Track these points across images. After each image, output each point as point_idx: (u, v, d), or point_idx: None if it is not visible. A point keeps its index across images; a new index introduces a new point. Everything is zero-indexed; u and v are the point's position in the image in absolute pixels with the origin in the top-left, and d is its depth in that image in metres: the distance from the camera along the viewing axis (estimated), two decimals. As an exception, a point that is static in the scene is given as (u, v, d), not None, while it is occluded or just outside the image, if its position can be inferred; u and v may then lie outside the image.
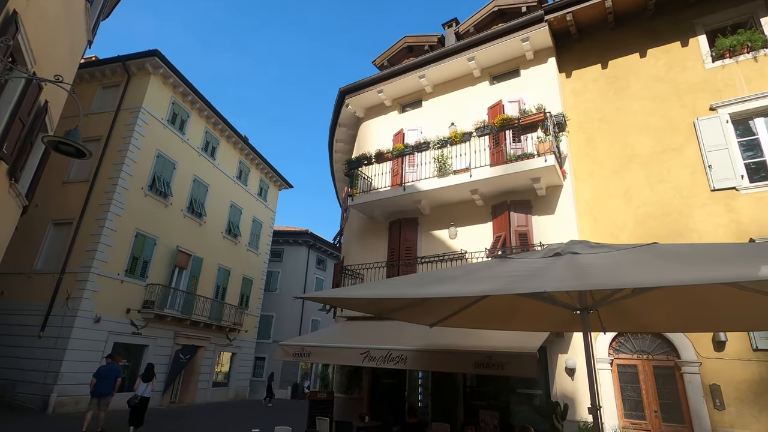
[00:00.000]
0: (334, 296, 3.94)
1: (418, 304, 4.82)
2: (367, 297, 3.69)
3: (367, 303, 4.65)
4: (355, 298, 4.11)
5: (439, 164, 9.71)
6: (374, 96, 12.50)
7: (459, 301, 4.87)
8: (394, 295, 3.56)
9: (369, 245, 11.13)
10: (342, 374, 10.31)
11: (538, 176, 8.52)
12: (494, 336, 6.38)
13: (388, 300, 4.65)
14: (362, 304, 4.73)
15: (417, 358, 6.26)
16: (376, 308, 5.00)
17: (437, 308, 5.07)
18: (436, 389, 8.99)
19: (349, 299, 4.26)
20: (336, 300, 4.28)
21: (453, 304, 4.98)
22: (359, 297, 3.69)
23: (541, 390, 7.96)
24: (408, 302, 4.69)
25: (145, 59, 16.03)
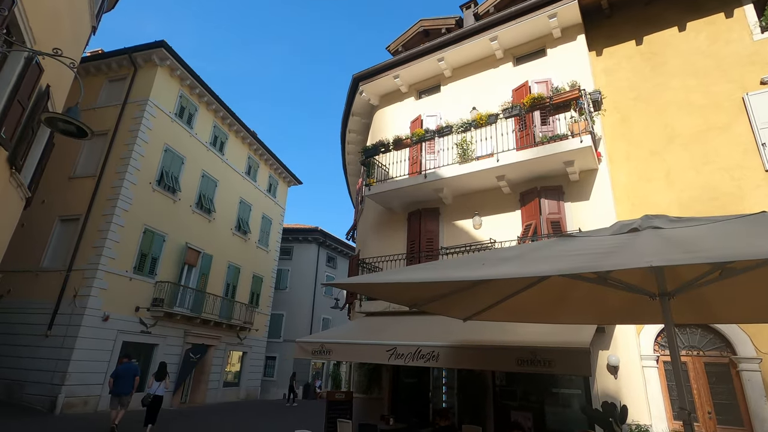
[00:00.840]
0: (370, 281, 3.39)
1: (457, 293, 4.27)
2: (415, 281, 3.13)
3: (403, 290, 4.10)
4: (393, 284, 3.56)
5: (461, 150, 9.14)
6: (390, 82, 11.93)
7: (501, 290, 4.32)
8: (446, 278, 3.00)
9: (387, 237, 10.58)
10: (361, 373, 9.77)
11: (572, 159, 7.91)
12: (534, 330, 5.80)
13: (429, 287, 4.11)
14: (397, 292, 4.18)
15: (450, 355, 5.69)
16: (409, 297, 4.44)
17: (475, 299, 4.52)
18: (463, 389, 8.42)
19: (387, 285, 3.71)
20: (371, 286, 3.73)
21: (495, 293, 4.42)
22: (402, 281, 3.14)
23: (580, 390, 7.36)
24: (449, 290, 4.14)
25: (151, 51, 15.61)
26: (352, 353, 6.65)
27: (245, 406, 18.34)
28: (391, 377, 9.45)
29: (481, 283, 4.02)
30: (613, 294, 4.13)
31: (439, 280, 3.01)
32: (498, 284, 4.15)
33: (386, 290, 3.97)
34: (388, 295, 4.23)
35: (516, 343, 5.24)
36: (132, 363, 10.12)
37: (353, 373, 10.72)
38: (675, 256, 2.36)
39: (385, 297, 4.30)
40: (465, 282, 3.96)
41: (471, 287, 4.14)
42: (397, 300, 4.49)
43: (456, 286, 4.08)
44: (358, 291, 3.87)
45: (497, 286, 4.25)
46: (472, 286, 4.10)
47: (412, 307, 4.48)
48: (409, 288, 4.05)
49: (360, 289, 3.88)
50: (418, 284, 3.99)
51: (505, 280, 4.03)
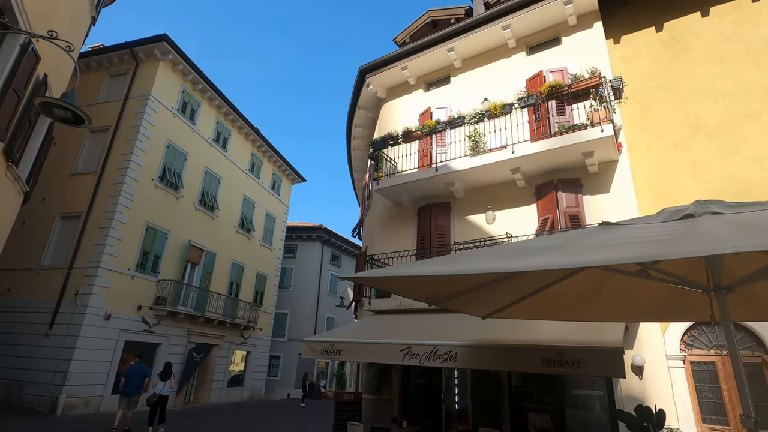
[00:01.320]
0: (394, 274, 3.06)
1: (481, 288, 3.94)
2: (447, 273, 2.78)
3: (426, 285, 3.78)
4: (417, 277, 3.22)
5: (473, 142, 8.80)
6: (397, 74, 11.59)
7: (528, 285, 3.99)
8: (485, 269, 2.65)
9: (395, 233, 10.25)
10: (370, 373, 9.45)
11: (592, 150, 7.56)
12: (557, 329, 5.48)
13: (453, 282, 3.80)
14: (419, 288, 3.85)
15: (470, 355, 5.36)
16: (429, 293, 4.11)
17: (498, 295, 4.19)
18: (477, 390, 8.09)
19: (410, 279, 3.38)
20: (393, 280, 3.40)
21: (519, 289, 4.09)
22: (432, 274, 2.80)
23: (602, 391, 7.02)
24: (475, 284, 3.81)
25: (153, 45, 15.33)
26: (364, 353, 6.32)
27: (250, 407, 18.06)
28: (401, 378, 9.13)
29: (508, 277, 3.70)
30: (649, 289, 3.81)
31: (477, 271, 2.67)
32: (525, 279, 3.83)
33: (408, 285, 3.65)
34: (409, 290, 3.91)
35: (541, 343, 4.90)
36: (141, 364, 10.18)
37: (361, 373, 10.40)
38: (764, 242, 2.01)
39: (405, 292, 3.98)
40: (494, 275, 3.65)
41: (495, 282, 3.81)
42: (416, 296, 4.17)
43: (484, 280, 3.76)
44: (376, 285, 3.52)
45: (524, 281, 3.92)
46: (498, 280, 3.77)
47: (431, 304, 4.16)
48: (432, 283, 3.73)
49: (380, 284, 3.56)
50: (442, 279, 3.67)
51: (533, 275, 3.71)
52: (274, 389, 24.49)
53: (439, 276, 3.26)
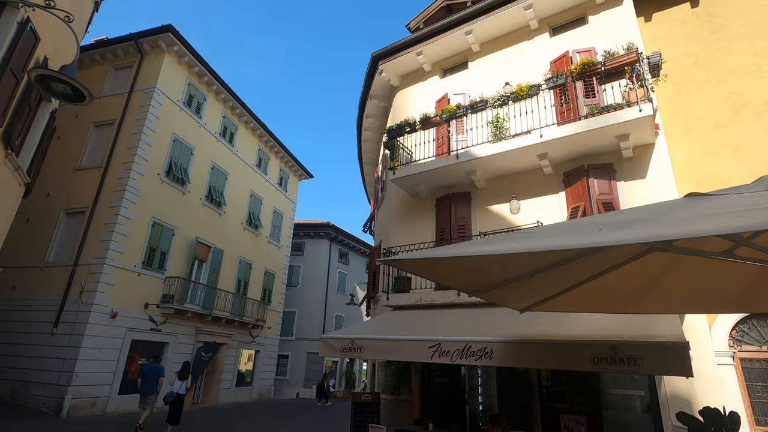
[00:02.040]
0: (446, 255, 2.58)
1: (529, 277, 3.47)
2: (519, 251, 2.28)
3: (473, 272, 3.32)
4: (473, 257, 2.74)
5: (495, 127, 8.31)
6: (412, 60, 11.10)
7: (579, 273, 3.51)
8: (572, 245, 2.16)
9: (412, 225, 9.77)
10: (388, 372, 9.00)
11: (627, 132, 7.04)
12: (600, 323, 5.00)
13: (502, 268, 3.35)
14: (464, 274, 3.39)
15: (508, 352, 4.87)
16: (472, 281, 3.65)
17: (544, 285, 3.74)
18: (505, 389, 7.60)
19: (462, 262, 2.91)
20: (440, 263, 2.92)
21: (568, 278, 3.62)
22: (501, 252, 2.31)
23: (642, 391, 6.52)
24: (526, 271, 3.33)
25: (158, 36, 14.93)
26: (387, 350, 5.85)
27: (261, 407, 17.67)
28: (421, 377, 8.66)
29: (560, 263, 3.22)
30: (724, 276, 3.32)
31: (559, 248, 2.17)
32: (580, 265, 3.33)
33: (455, 269, 3.17)
34: (452, 276, 3.44)
35: (590, 337, 4.41)
36: (157, 364, 10.52)
37: (378, 372, 9.94)
38: None
39: (447, 278, 3.51)
40: (554, 259, 3.18)
41: (548, 269, 3.33)
42: (459, 283, 3.71)
43: (541, 265, 3.27)
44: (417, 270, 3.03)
45: (579, 267, 3.43)
46: (551, 266, 3.29)
47: (471, 294, 3.71)
48: (482, 268, 3.26)
49: (423, 268, 3.08)
50: (495, 264, 3.21)
51: (592, 260, 3.22)
52: (283, 389, 24.11)
53: (498, 256, 2.78)
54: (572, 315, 5.42)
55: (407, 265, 3.05)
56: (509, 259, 2.97)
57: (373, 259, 11.97)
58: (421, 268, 3.08)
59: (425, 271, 3.17)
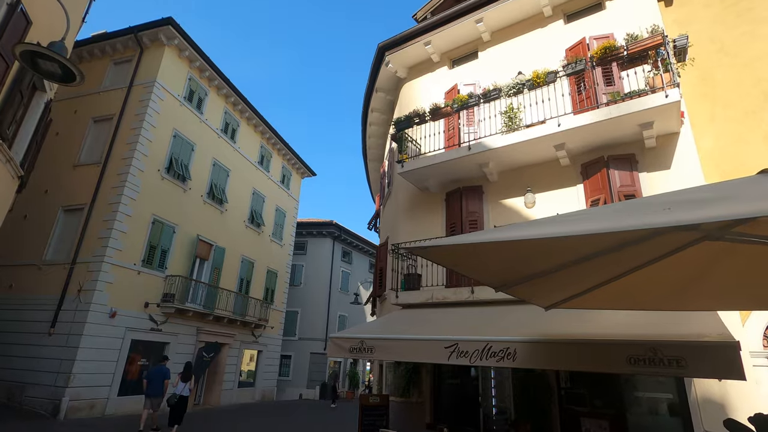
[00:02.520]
0: (487, 240, 2.22)
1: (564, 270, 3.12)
2: (578, 233, 1.91)
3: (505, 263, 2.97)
4: (530, 240, 2.37)
5: (508, 118, 7.94)
6: (420, 50, 10.73)
7: (625, 262, 3.17)
8: (638, 225, 1.79)
9: (420, 220, 9.40)
10: (397, 374, 8.63)
11: (651, 120, 6.66)
12: (630, 320, 4.62)
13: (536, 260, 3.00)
14: (494, 265, 3.04)
15: (532, 353, 4.50)
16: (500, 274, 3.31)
17: (575, 280, 3.39)
18: (521, 391, 7.22)
19: (499, 250, 2.54)
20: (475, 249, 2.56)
21: (603, 272, 3.27)
22: (556, 235, 1.94)
23: (670, 393, 6.14)
24: (564, 263, 2.97)
25: (158, 29, 14.60)
26: (400, 351, 5.49)
27: (264, 408, 17.32)
28: (432, 379, 8.29)
29: (606, 254, 2.85)
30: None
31: (636, 227, 1.80)
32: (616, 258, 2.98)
33: (489, 259, 2.81)
34: (481, 268, 3.08)
35: (627, 337, 4.04)
36: (163, 366, 10.44)
37: (386, 373, 9.58)
38: None
39: (475, 269, 3.16)
40: (600, 247, 2.81)
41: (585, 261, 2.97)
42: (488, 276, 3.33)
43: (582, 255, 2.91)
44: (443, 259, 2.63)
45: (614, 261, 3.08)
46: (590, 258, 2.93)
47: (498, 289, 3.35)
48: (517, 258, 2.90)
49: (454, 257, 2.72)
50: (532, 253, 2.86)
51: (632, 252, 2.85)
52: (285, 389, 23.77)
53: (544, 243, 2.42)
54: (597, 313, 5.05)
55: (436, 254, 2.68)
56: (557, 246, 2.61)
57: (380, 257, 11.62)
58: (450, 257, 2.72)
59: (453, 260, 2.81)
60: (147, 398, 9.93)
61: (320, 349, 25.67)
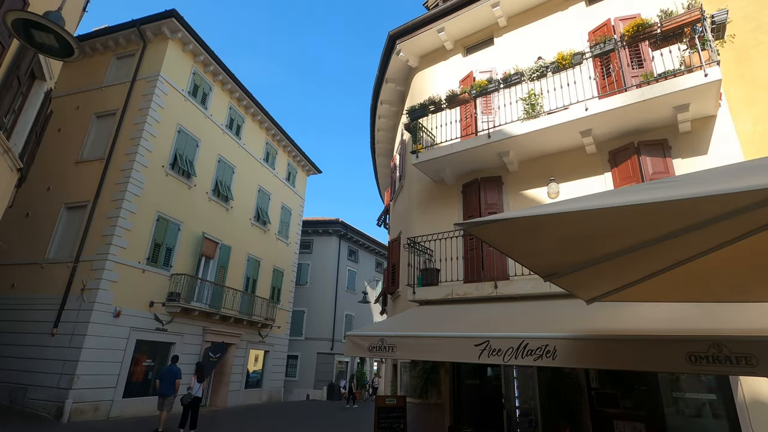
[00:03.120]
0: (563, 210, 1.83)
1: (621, 256, 2.74)
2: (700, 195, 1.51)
3: (563, 247, 2.58)
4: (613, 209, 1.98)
5: (528, 104, 7.53)
6: (432, 37, 10.34)
7: (680, 252, 2.78)
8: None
9: (436, 213, 9.00)
10: (413, 374, 8.24)
11: (687, 102, 6.24)
12: (694, 313, 4.20)
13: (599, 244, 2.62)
14: (551, 249, 2.65)
15: (576, 350, 4.09)
16: (555, 258, 2.95)
17: (629, 268, 3.02)
18: (548, 392, 6.81)
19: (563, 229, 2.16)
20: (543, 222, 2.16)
21: (667, 256, 2.89)
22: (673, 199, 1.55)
23: (713, 394, 5.72)
24: (642, 241, 2.57)
25: (161, 22, 14.26)
26: (425, 349, 5.09)
27: (272, 409, 16.96)
28: (451, 379, 7.89)
29: (685, 233, 2.45)
30: None
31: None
32: (686, 241, 2.58)
33: (551, 238, 2.41)
34: (539, 250, 2.69)
35: (687, 332, 3.63)
36: (174, 366, 10.40)
37: (402, 373, 9.18)
38: None
39: (531, 252, 2.76)
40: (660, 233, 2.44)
41: (667, 240, 2.58)
42: (536, 262, 2.94)
43: (658, 234, 2.51)
44: (496, 238, 2.18)
45: (680, 245, 2.68)
46: (673, 237, 2.52)
47: (547, 278, 2.96)
48: (582, 238, 2.50)
49: (509, 236, 2.33)
50: (601, 233, 2.47)
51: (706, 233, 2.45)
52: (293, 390, 23.43)
53: (620, 217, 2.01)
54: (640, 306, 4.65)
55: (495, 232, 2.28)
56: (635, 223, 2.21)
57: (392, 252, 11.22)
58: (508, 236, 2.33)
59: (511, 240, 2.41)
60: (160, 398, 9.96)
61: (327, 349, 25.32)
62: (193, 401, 9.87)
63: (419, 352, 5.20)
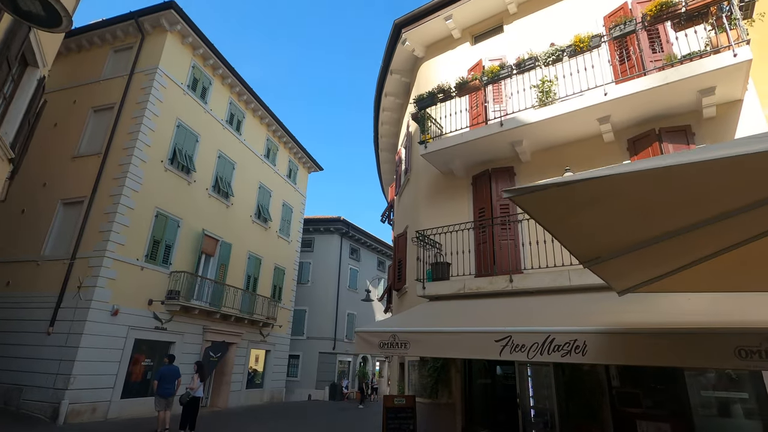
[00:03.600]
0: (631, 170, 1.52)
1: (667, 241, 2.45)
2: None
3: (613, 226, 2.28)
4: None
5: (542, 92, 7.21)
6: (439, 26, 10.03)
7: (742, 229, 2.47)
8: None
9: (444, 206, 8.67)
10: (423, 372, 7.91)
11: (713, 85, 5.92)
12: (738, 305, 3.88)
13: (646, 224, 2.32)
14: (624, 215, 2.35)
15: (608, 345, 3.77)
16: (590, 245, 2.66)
17: (676, 252, 2.73)
18: (566, 391, 6.48)
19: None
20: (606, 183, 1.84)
21: (714, 241, 2.58)
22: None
23: (746, 392, 5.39)
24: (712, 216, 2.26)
25: (160, 14, 13.93)
26: (441, 345, 4.76)
27: (275, 410, 16.64)
28: (463, 377, 7.56)
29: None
30: None
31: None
32: (738, 222, 2.29)
33: (597, 215, 2.11)
34: (581, 229, 2.39)
35: (735, 325, 3.31)
36: (173, 365, 10.08)
37: (410, 372, 8.86)
38: None
39: (572, 232, 2.46)
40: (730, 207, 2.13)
41: (705, 226, 2.29)
42: (580, 243, 2.64)
43: (726, 209, 2.20)
44: (550, 210, 1.82)
45: (736, 226, 2.39)
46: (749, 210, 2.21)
47: (587, 264, 2.69)
48: (643, 213, 2.19)
49: (574, 205, 2.03)
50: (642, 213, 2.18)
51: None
52: (294, 390, 23.11)
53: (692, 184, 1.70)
54: (674, 298, 4.34)
55: (537, 204, 1.97)
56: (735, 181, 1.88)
57: (398, 248, 10.90)
58: (562, 206, 2.02)
59: (556, 213, 2.10)
60: (161, 398, 9.55)
61: (329, 349, 25.00)
62: (192, 401, 9.52)
63: (435, 349, 4.87)
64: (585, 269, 6.13)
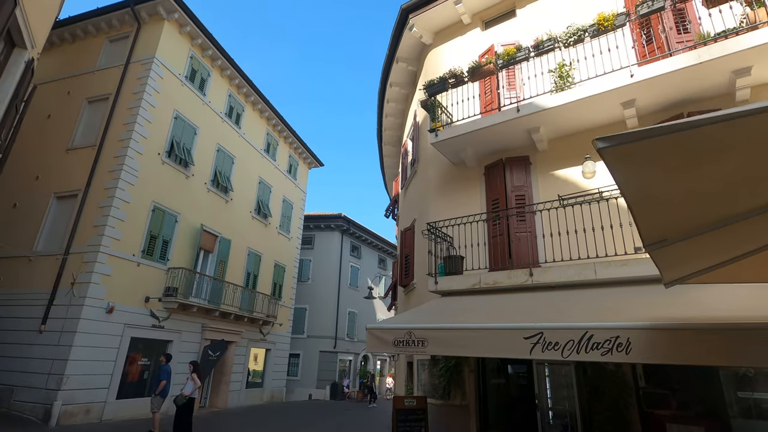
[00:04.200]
0: None
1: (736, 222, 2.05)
2: None
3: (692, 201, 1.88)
4: None
5: (559, 77, 6.82)
6: (449, 10, 9.62)
7: None
8: None
9: (455, 198, 8.28)
10: (433, 373, 7.51)
11: (749, 65, 5.55)
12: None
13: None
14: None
15: (657, 343, 3.37)
16: (666, 221, 2.26)
17: (742, 238, 2.33)
18: (591, 391, 6.09)
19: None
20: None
21: None
22: None
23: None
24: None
25: (156, 1, 13.46)
26: (463, 343, 4.35)
27: (275, 410, 16.23)
28: (476, 378, 7.16)
29: None
30: None
31: None
32: None
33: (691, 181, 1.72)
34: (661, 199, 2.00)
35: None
36: (165, 365, 9.68)
37: (420, 372, 8.46)
38: None
39: (648, 206, 2.06)
40: None
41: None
42: (656, 221, 2.24)
43: None
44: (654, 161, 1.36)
45: None
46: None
47: (650, 247, 2.32)
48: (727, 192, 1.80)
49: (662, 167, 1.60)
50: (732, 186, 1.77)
51: None
52: (294, 390, 22.71)
53: None
54: (721, 290, 3.95)
55: (629, 160, 1.58)
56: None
57: (404, 243, 10.50)
58: (650, 167, 1.62)
59: (646, 176, 1.70)
60: (161, 399, 9.26)
61: (330, 347, 24.60)
62: (188, 402, 9.07)
63: (455, 347, 4.47)
64: (611, 262, 5.67)
